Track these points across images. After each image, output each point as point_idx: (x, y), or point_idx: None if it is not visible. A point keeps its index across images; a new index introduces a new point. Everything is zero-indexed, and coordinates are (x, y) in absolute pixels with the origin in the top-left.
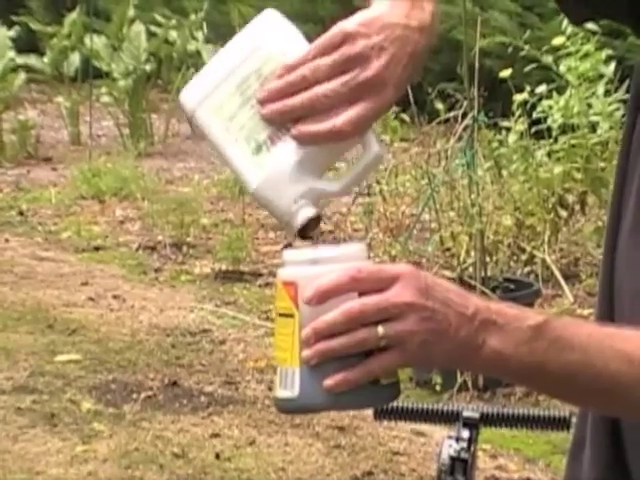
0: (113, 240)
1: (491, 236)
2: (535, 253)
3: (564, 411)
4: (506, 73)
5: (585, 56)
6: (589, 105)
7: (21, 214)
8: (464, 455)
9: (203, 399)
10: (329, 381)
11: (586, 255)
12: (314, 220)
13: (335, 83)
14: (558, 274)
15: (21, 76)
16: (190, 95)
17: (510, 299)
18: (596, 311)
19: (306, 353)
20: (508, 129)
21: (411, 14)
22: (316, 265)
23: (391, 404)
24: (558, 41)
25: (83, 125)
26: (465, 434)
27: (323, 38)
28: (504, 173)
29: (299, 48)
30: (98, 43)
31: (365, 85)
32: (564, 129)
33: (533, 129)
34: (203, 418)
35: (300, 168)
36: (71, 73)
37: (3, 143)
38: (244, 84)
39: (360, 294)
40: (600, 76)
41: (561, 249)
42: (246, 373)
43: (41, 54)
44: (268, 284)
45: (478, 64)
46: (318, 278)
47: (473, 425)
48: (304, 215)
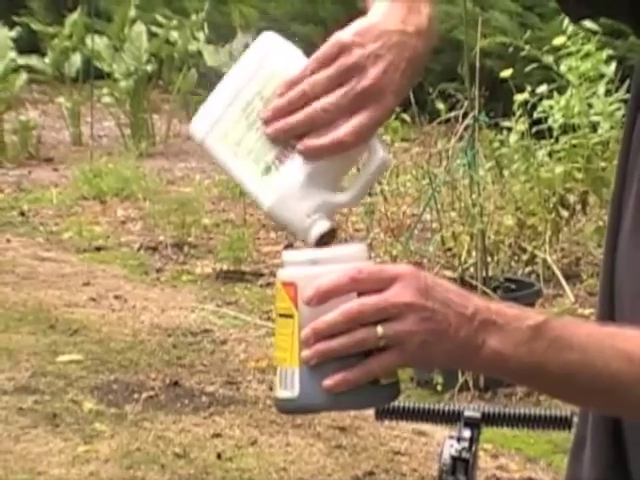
0: (114, 240)
1: (492, 236)
2: (536, 253)
3: (565, 411)
4: (507, 73)
5: (586, 56)
6: (590, 105)
7: (22, 214)
8: (465, 455)
9: (204, 399)
10: (329, 381)
11: (587, 255)
12: (329, 233)
13: (334, 96)
14: (559, 274)
15: (22, 77)
16: (198, 125)
17: (511, 299)
18: (597, 311)
19: (306, 353)
20: (509, 129)
21: (407, 19)
22: (316, 265)
23: (392, 404)
24: (559, 41)
25: (84, 125)
26: (466, 434)
27: (320, 51)
28: (505, 173)
29: (299, 65)
30: (99, 43)
31: (364, 94)
32: (565, 129)
33: (534, 129)
34: (204, 418)
35: (309, 183)
36: (72, 74)
37: (4, 144)
38: (248, 107)
39: (360, 294)
40: (601, 76)
41: (562, 249)
42: (247, 373)
43: (42, 54)
44: (269, 284)
45: (479, 64)
46: (318, 278)
47: (474, 425)
48: (318, 229)
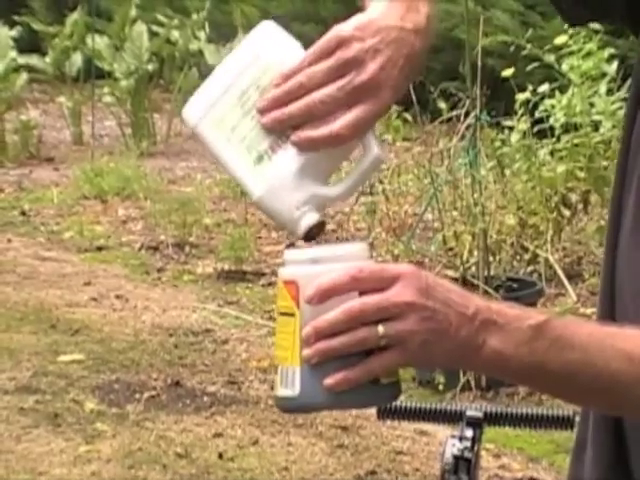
0: (116, 240)
1: (494, 235)
2: (538, 252)
3: (568, 410)
4: (508, 72)
5: (587, 55)
6: (592, 104)
7: (23, 214)
8: (468, 454)
9: (206, 399)
10: (329, 380)
11: (589, 254)
12: (318, 226)
13: (331, 88)
14: (561, 273)
15: (23, 76)
16: (191, 110)
17: (513, 298)
18: (597, 310)
19: (307, 352)
20: (511, 128)
21: (406, 16)
22: (317, 264)
23: (395, 403)
24: (560, 40)
25: (85, 125)
26: (469, 433)
27: (318, 44)
28: (507, 172)
29: (297, 57)
30: (100, 43)
31: (361, 88)
32: (567, 128)
33: (536, 128)
34: (206, 418)
35: (301, 175)
36: (73, 73)
37: (5, 143)
38: (244, 96)
39: (361, 293)
40: (603, 75)
41: (564, 248)
42: (249, 373)
43: (43, 54)
44: (271, 284)
45: (480, 63)
46: (319, 277)
47: (477, 424)
48: (307, 222)
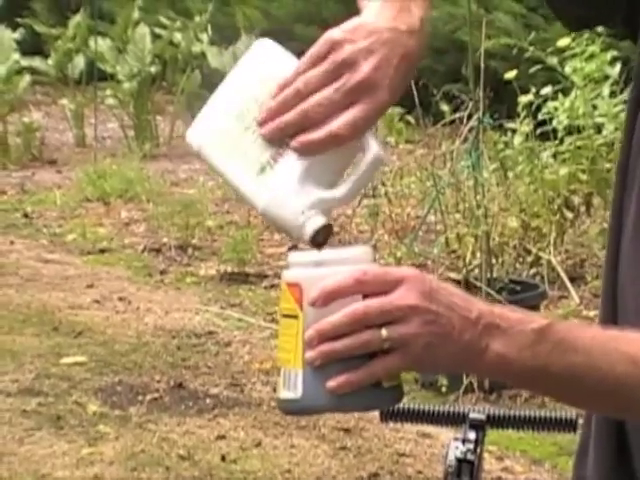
0: (118, 242)
1: (497, 238)
2: (541, 255)
3: (571, 413)
4: (511, 74)
5: (590, 57)
6: (594, 106)
7: (26, 216)
8: (470, 457)
9: (209, 401)
10: (332, 382)
11: (592, 256)
12: (325, 230)
13: (327, 91)
14: (564, 276)
15: (26, 78)
16: (194, 133)
17: (516, 301)
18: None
19: (309, 354)
20: (513, 131)
21: (399, 18)
22: (321, 267)
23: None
24: (563, 42)
25: (88, 127)
26: (471, 436)
27: (311, 50)
28: (510, 175)
29: (293, 68)
30: (103, 45)
31: (357, 88)
32: (569, 130)
33: (538, 130)
34: (209, 420)
35: (304, 180)
36: (76, 75)
37: (8, 145)
38: (244, 113)
39: (364, 296)
40: (605, 77)
41: (567, 250)
42: (251, 375)
43: (46, 56)
44: (273, 286)
45: (483, 65)
46: (323, 280)
47: (479, 427)
48: (312, 226)
